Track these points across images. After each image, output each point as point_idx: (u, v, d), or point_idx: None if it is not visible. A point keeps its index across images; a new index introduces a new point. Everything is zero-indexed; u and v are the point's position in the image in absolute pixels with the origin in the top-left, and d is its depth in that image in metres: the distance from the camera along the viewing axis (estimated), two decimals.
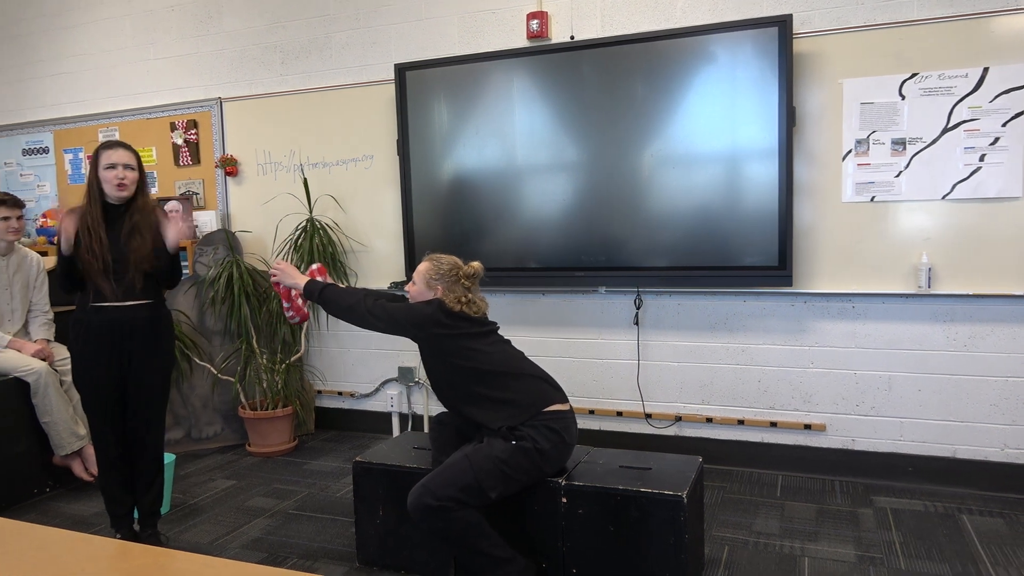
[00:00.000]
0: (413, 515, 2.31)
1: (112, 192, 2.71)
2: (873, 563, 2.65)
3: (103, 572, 1.41)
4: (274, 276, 2.69)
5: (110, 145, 2.75)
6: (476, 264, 2.56)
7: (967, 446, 3.30)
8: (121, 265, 2.70)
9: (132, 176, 2.74)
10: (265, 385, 4.17)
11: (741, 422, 3.63)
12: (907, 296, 3.32)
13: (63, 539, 1.58)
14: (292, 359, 4.26)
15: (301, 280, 2.63)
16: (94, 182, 2.73)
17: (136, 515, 2.94)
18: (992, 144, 3.12)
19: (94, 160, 2.73)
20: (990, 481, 3.26)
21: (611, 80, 3.56)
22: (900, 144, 3.24)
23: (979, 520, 2.99)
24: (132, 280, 2.71)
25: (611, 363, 3.84)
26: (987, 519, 3.00)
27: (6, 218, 3.45)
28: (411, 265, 4.05)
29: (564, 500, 2.42)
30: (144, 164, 4.79)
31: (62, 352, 3.64)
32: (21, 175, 5.32)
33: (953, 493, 3.26)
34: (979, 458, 3.28)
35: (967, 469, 3.29)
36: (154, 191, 4.86)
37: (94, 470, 3.56)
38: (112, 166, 2.69)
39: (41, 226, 4.97)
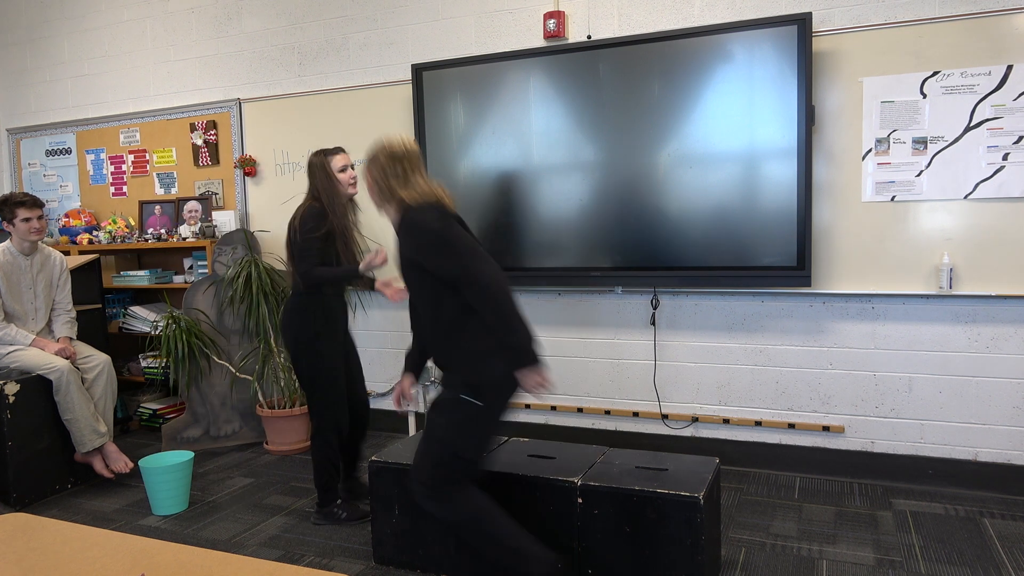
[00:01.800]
0: (425, 508, 2.30)
1: (347, 192, 3.11)
2: (892, 566, 2.63)
3: (124, 567, 1.43)
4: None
5: (335, 151, 3.10)
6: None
7: (989, 449, 3.25)
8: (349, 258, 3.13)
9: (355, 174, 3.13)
10: (283, 384, 4.20)
11: (758, 423, 3.61)
12: (928, 297, 3.28)
13: (85, 534, 1.60)
14: None
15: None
16: (332, 186, 3.05)
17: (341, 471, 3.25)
18: (1016, 143, 3.07)
19: (322, 165, 3.05)
20: (1013, 484, 3.21)
21: (628, 80, 3.55)
22: (921, 143, 3.20)
23: (1001, 524, 2.95)
24: None
25: (627, 363, 3.83)
26: (1009, 523, 2.95)
27: (27, 219, 3.50)
28: None
29: (580, 500, 2.42)
30: (164, 165, 4.91)
31: (84, 350, 3.68)
32: (45, 175, 5.40)
33: (974, 496, 3.22)
34: (1001, 461, 3.24)
35: (989, 472, 3.25)
36: (174, 191, 4.92)
37: (115, 467, 3.61)
38: (344, 168, 3.09)
39: (64, 226, 5.04)
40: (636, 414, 3.84)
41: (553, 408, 4.02)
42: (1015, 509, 3.09)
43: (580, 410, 3.97)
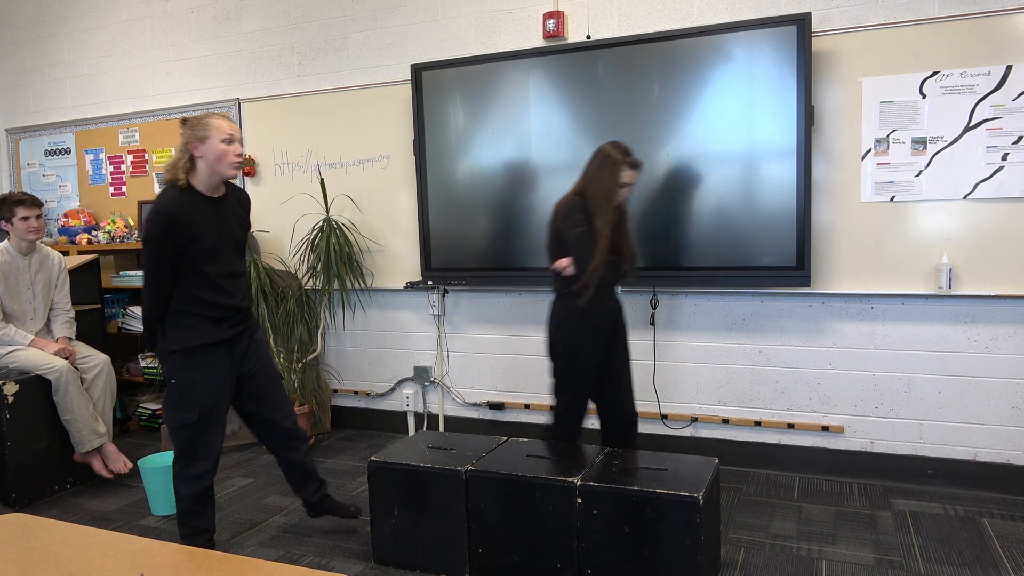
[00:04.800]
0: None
1: (614, 204, 2.88)
2: (892, 567, 2.63)
3: (123, 567, 1.43)
4: None
5: (635, 164, 2.90)
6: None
7: (988, 449, 3.25)
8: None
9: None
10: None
11: (758, 423, 3.61)
12: (927, 297, 3.28)
13: (84, 534, 1.60)
14: (309, 358, 4.28)
15: None
16: (612, 190, 2.85)
17: None
18: (1015, 143, 3.08)
19: (614, 170, 2.83)
20: (1012, 484, 3.21)
21: (627, 79, 3.55)
22: (920, 143, 3.20)
23: (1000, 524, 2.95)
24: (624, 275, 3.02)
25: None
26: (1008, 523, 2.96)
27: (26, 218, 3.50)
28: (427, 264, 4.06)
29: (579, 501, 2.42)
30: (163, 165, 4.89)
31: (83, 350, 3.68)
32: (44, 175, 5.40)
33: (974, 496, 3.22)
34: (1000, 461, 3.24)
35: (988, 472, 3.25)
36: None
37: (114, 467, 3.61)
38: (623, 185, 2.88)
39: (63, 226, 5.03)
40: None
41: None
42: (1014, 509, 3.09)
43: None
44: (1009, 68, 3.06)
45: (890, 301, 3.35)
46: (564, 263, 2.87)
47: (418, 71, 3.98)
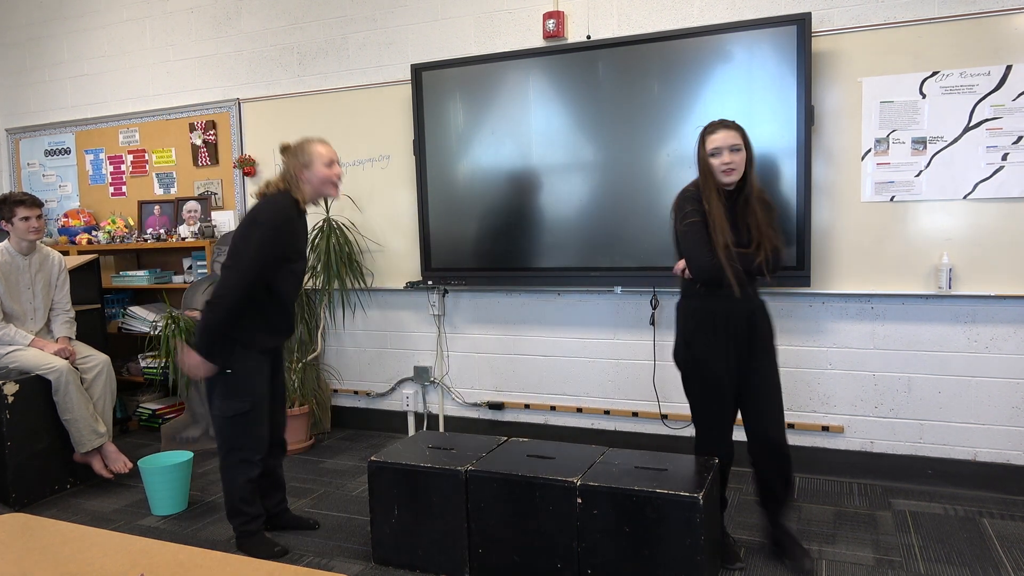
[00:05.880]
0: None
1: (721, 179, 2.49)
2: (892, 567, 2.63)
3: (123, 567, 1.43)
4: None
5: (716, 126, 2.52)
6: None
7: (988, 449, 3.25)
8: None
9: (740, 158, 2.48)
10: None
11: None
12: (927, 297, 3.28)
13: (84, 534, 1.60)
14: (309, 358, 4.28)
15: None
16: (705, 160, 2.52)
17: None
18: (1015, 143, 3.08)
19: (701, 143, 2.53)
20: (1011, 484, 3.21)
21: (628, 79, 3.55)
22: (920, 143, 3.20)
23: (1000, 524, 2.95)
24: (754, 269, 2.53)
25: (627, 363, 3.83)
26: (1008, 523, 2.96)
27: (26, 218, 3.50)
28: (427, 264, 4.06)
29: (579, 501, 2.42)
30: (163, 165, 4.90)
31: (83, 350, 3.68)
32: (44, 176, 5.40)
33: (974, 496, 3.22)
34: (1000, 461, 3.24)
35: (988, 472, 3.25)
36: (173, 191, 4.92)
37: (114, 467, 3.61)
38: (716, 152, 2.48)
39: (63, 226, 5.03)
40: (635, 414, 3.84)
41: (553, 408, 4.02)
42: (1014, 509, 3.09)
43: (580, 410, 3.97)
44: (1009, 68, 3.06)
45: (890, 301, 3.35)
46: (680, 266, 2.57)
47: (418, 71, 3.97)
